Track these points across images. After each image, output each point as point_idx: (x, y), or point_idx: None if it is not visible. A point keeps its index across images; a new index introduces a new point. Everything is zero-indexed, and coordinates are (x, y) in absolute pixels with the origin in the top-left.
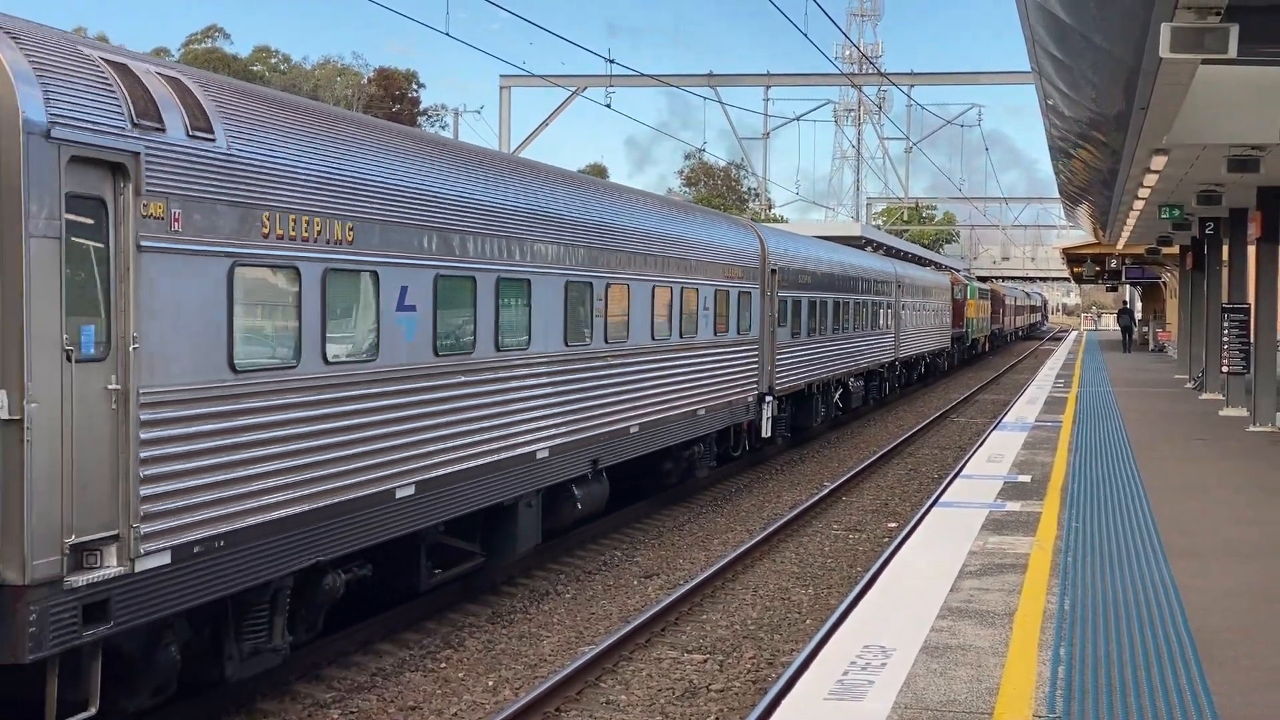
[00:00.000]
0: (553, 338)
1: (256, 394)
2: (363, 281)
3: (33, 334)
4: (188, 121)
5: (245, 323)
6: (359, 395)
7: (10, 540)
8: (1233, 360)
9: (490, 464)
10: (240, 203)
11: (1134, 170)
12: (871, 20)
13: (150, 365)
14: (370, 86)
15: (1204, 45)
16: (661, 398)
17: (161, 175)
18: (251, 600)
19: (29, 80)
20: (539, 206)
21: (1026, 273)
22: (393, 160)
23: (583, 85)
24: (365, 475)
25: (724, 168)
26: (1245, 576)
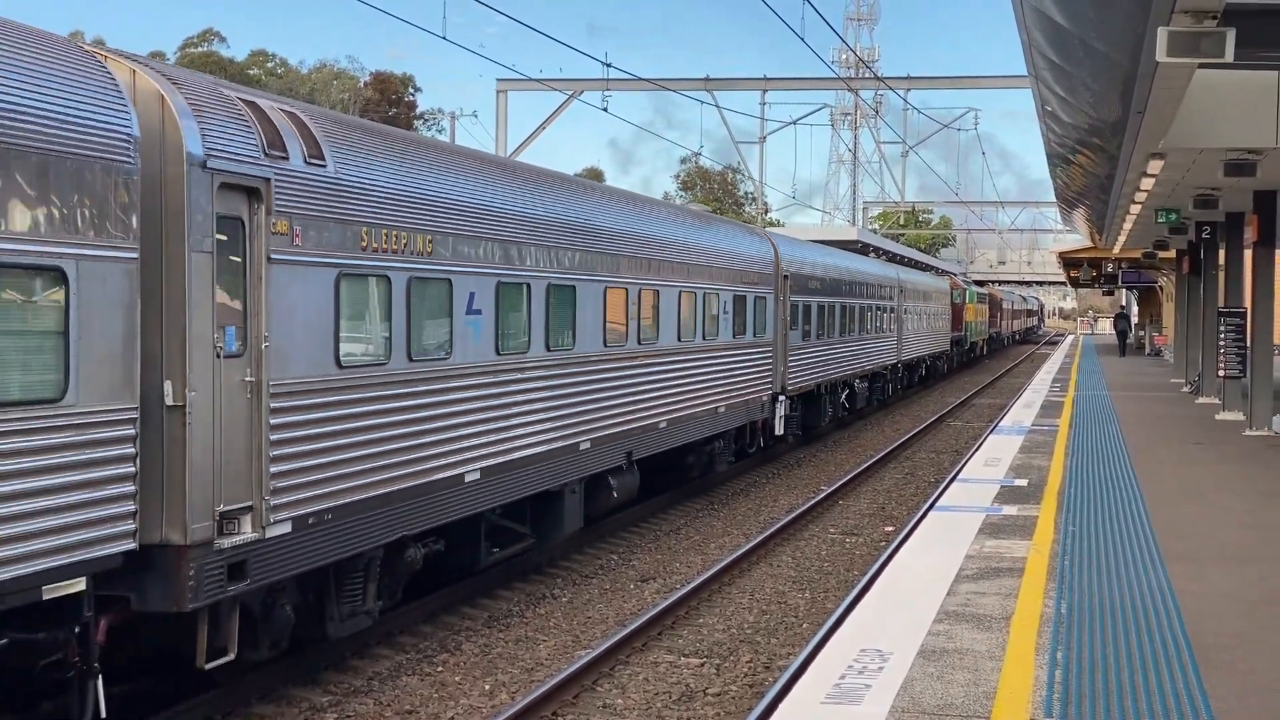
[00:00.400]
0: (594, 339)
1: (357, 387)
2: (439, 288)
3: (192, 334)
4: (305, 150)
5: (348, 324)
6: (436, 389)
7: (174, 507)
8: (1229, 364)
9: (541, 454)
10: (345, 220)
11: (1130, 174)
12: (868, 24)
13: (277, 361)
14: (367, 90)
15: (1200, 49)
16: (686, 395)
17: (286, 197)
18: (349, 568)
19: (190, 119)
20: (581, 219)
21: (1023, 277)
22: (462, 179)
23: (579, 89)
24: (440, 460)
25: (720, 172)
26: (1242, 581)
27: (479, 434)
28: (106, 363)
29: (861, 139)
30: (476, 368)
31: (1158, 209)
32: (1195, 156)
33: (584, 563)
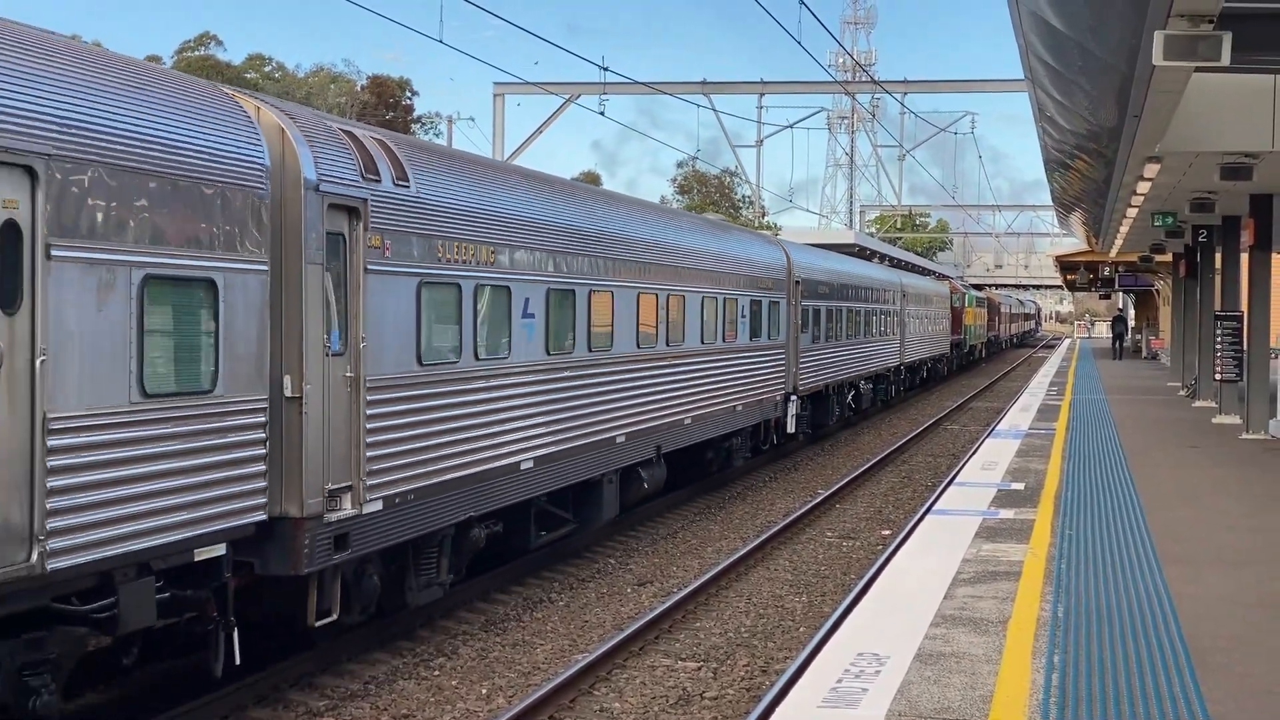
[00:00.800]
0: (629, 341)
1: (434, 382)
2: (500, 295)
3: (307, 336)
4: (393, 174)
5: (427, 327)
6: (498, 385)
7: (292, 484)
8: (1226, 368)
9: (583, 445)
10: (425, 234)
11: (1127, 178)
12: (865, 28)
13: (372, 359)
14: (364, 94)
15: (1197, 53)
16: (709, 394)
17: (378, 215)
18: (426, 544)
19: (305, 149)
20: (617, 230)
21: (1020, 280)
22: (519, 196)
23: (576, 93)
24: (501, 450)
25: (717, 175)
26: (1239, 584)
27: (532, 426)
28: (244, 360)
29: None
30: (531, 366)
31: (1154, 212)
32: (1192, 160)
33: (581, 566)
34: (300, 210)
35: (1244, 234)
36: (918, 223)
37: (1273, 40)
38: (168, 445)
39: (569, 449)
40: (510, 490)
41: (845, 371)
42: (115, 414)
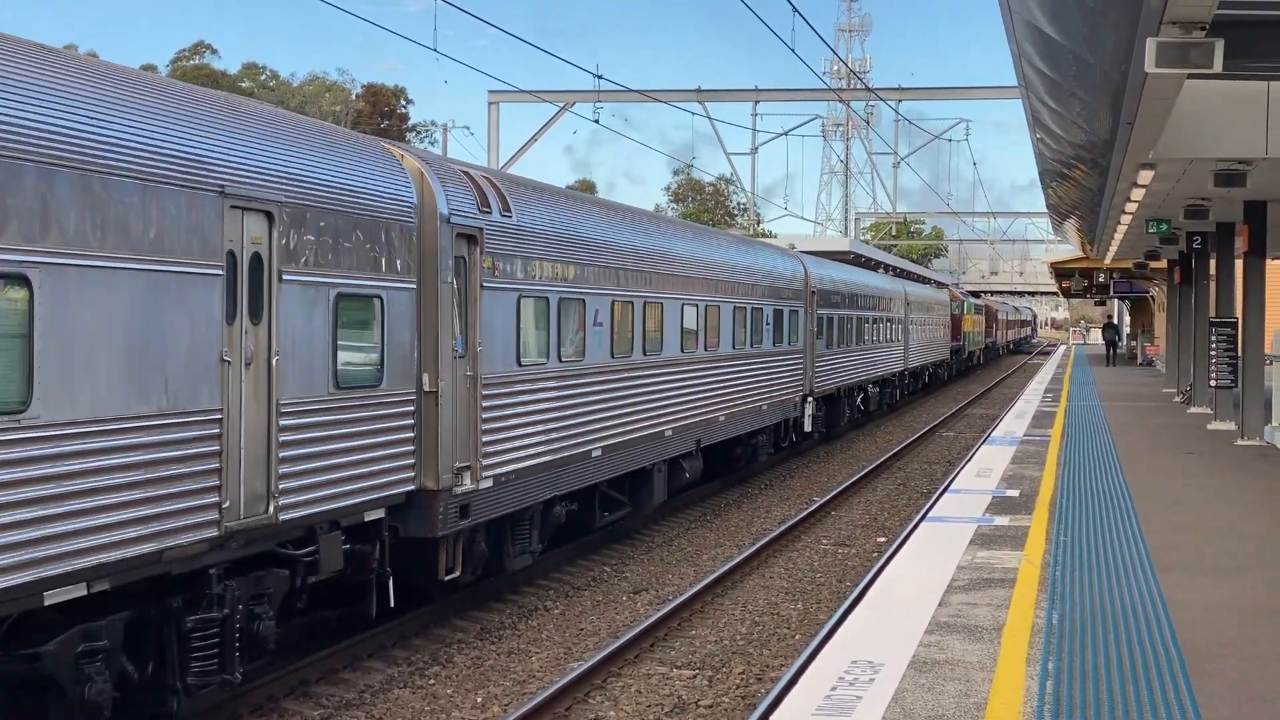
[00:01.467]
0: (674, 346)
1: (529, 380)
2: (577, 306)
3: (441, 342)
4: (500, 206)
5: (524, 334)
6: (575, 383)
7: (429, 462)
8: (1220, 374)
9: (639, 438)
10: (523, 257)
11: (1121, 184)
12: (859, 35)
13: (486, 361)
14: (358, 103)
15: (1189, 60)
16: (739, 394)
17: (490, 241)
18: (520, 517)
19: (439, 188)
20: (665, 249)
21: (1015, 287)
22: (592, 222)
23: (571, 101)
24: (577, 439)
25: (712, 183)
26: (1233, 590)
27: (600, 420)
28: (399, 360)
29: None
30: (600, 368)
31: (1148, 219)
32: (1185, 167)
33: (576, 574)
34: (436, 239)
35: (1238, 240)
36: (912, 230)
37: (1265, 47)
38: (351, 429)
39: (628, 440)
40: (583, 475)
41: (856, 375)
42: (318, 402)
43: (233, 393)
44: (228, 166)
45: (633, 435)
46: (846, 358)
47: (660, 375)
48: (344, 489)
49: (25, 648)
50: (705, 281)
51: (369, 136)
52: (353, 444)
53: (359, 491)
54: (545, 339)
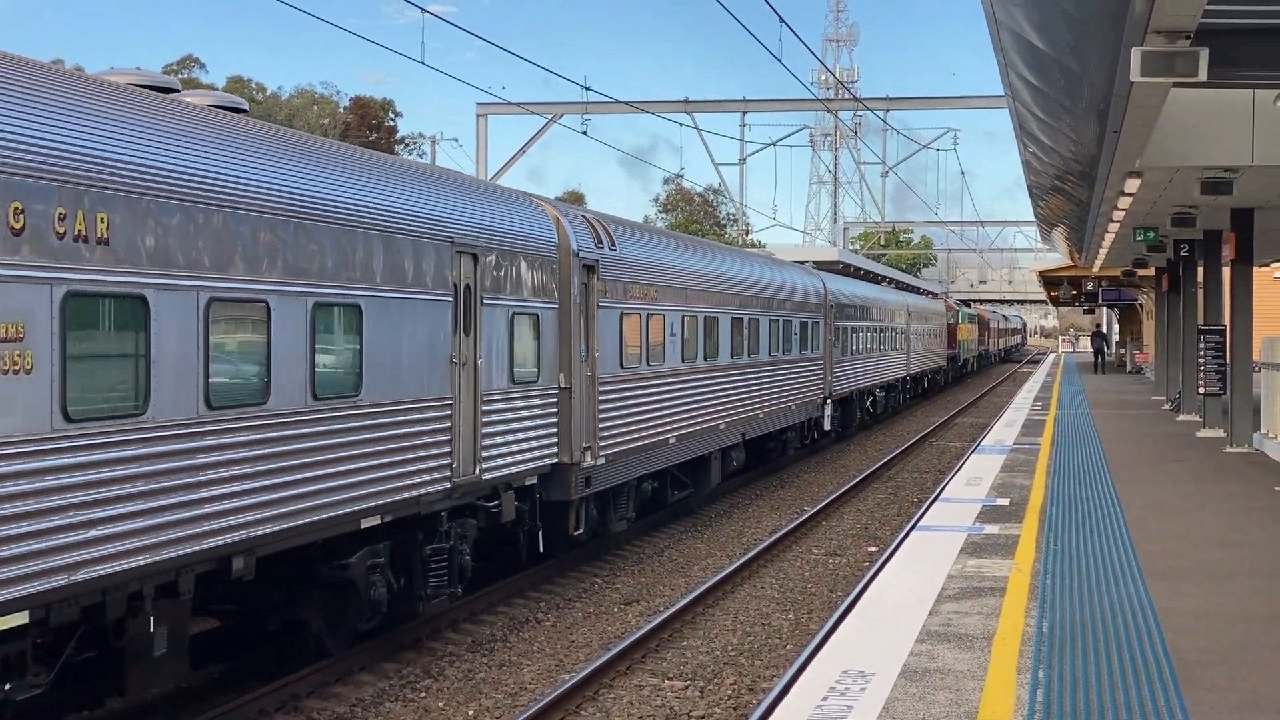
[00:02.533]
0: (726, 353)
1: (629, 380)
2: (660, 319)
3: (572, 350)
4: (609, 241)
5: (625, 343)
6: (659, 383)
7: (565, 442)
8: (1209, 382)
9: (701, 429)
10: (623, 282)
11: (1108, 193)
12: (847, 45)
13: (600, 364)
14: (346, 115)
15: (1174, 69)
16: (774, 395)
17: (604, 269)
18: (620, 490)
19: (569, 229)
20: (719, 270)
21: (1003, 295)
22: (668, 252)
23: (559, 112)
24: (659, 427)
25: (701, 193)
26: (1222, 597)
27: (675, 413)
28: (548, 363)
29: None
30: (674, 371)
31: (1136, 227)
32: (1172, 175)
33: (567, 586)
34: (570, 269)
35: (1225, 248)
36: (901, 239)
37: (1249, 56)
38: (522, 413)
39: (694, 431)
40: (663, 458)
41: (867, 380)
42: (503, 394)
43: (458, 385)
44: (455, 224)
45: (697, 427)
46: (859, 364)
47: (716, 377)
48: (517, 459)
49: (340, 560)
50: (748, 298)
51: (522, 192)
52: (524, 425)
53: (525, 461)
54: (638, 347)
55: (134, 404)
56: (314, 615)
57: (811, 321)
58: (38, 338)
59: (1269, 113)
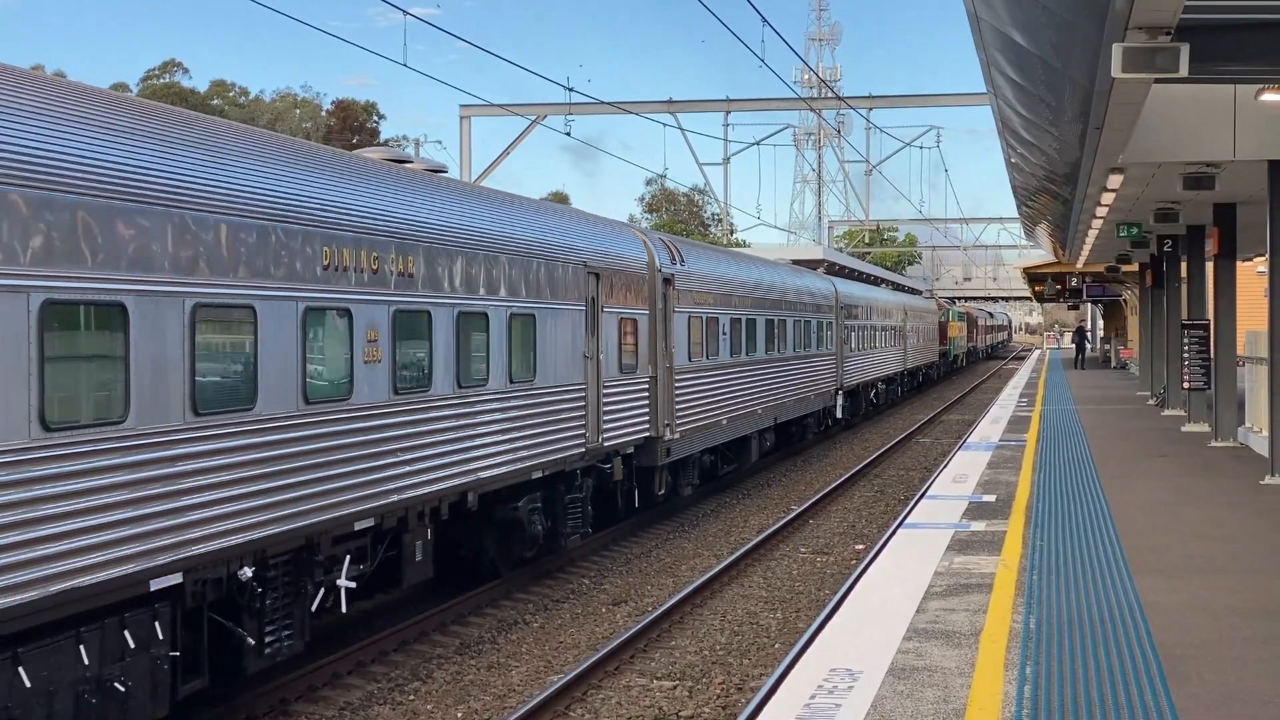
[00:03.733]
0: (761, 348)
1: (694, 371)
2: (717, 322)
3: (657, 346)
4: (680, 259)
5: (691, 341)
6: (715, 372)
7: (653, 420)
8: (1193, 376)
9: (745, 413)
10: (691, 291)
11: (1091, 189)
12: (830, 44)
13: (675, 358)
14: (328, 118)
15: (1155, 65)
16: (798, 385)
17: (677, 281)
18: (688, 461)
19: (653, 249)
20: (759, 278)
21: (988, 292)
22: (724, 266)
23: (542, 114)
24: (715, 411)
25: (685, 194)
26: (1209, 591)
27: (726, 398)
28: (642, 357)
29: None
30: (727, 363)
31: (1119, 223)
32: (1155, 171)
33: (555, 587)
34: (655, 283)
35: (1208, 243)
36: (885, 237)
37: (1230, 51)
38: (627, 396)
39: (739, 414)
40: (718, 436)
41: (871, 374)
42: (615, 381)
43: (588, 374)
44: (586, 251)
45: (742, 410)
46: (864, 359)
47: (755, 369)
48: (624, 432)
49: (511, 504)
50: (776, 301)
51: (621, 222)
52: (629, 405)
53: (629, 433)
54: (701, 343)
55: (483, 378)
56: (492, 544)
57: (825, 321)
58: (382, 339)
59: (1251, 107)
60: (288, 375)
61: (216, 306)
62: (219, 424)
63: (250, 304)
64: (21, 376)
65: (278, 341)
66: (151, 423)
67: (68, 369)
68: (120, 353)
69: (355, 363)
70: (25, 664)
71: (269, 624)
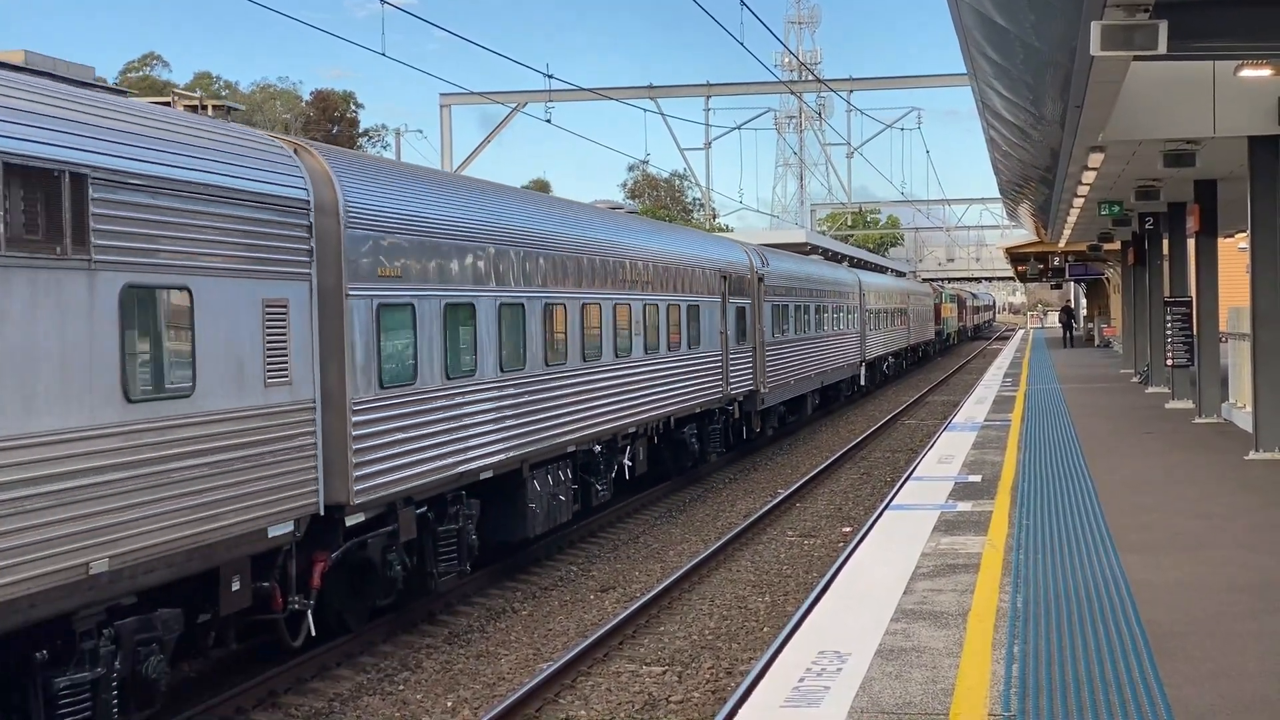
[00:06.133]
0: (814, 328)
1: (776, 344)
2: (785, 307)
3: (754, 325)
4: (765, 261)
5: (774, 321)
6: (787, 344)
7: (756, 377)
8: (1176, 354)
9: (803, 377)
10: (773, 286)
11: (1072, 168)
12: (809, 27)
13: (764, 334)
14: (308, 109)
15: (1134, 42)
16: (836, 356)
17: (766, 279)
18: (773, 410)
19: (753, 256)
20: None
21: (971, 273)
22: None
23: (523, 101)
24: (786, 374)
25: (666, 179)
26: (1194, 568)
27: (793, 364)
28: (750, 332)
29: (807, 142)
30: (794, 338)
31: (1101, 201)
32: (1135, 148)
33: (543, 575)
34: (754, 280)
35: (1190, 220)
36: (868, 219)
37: (1208, 28)
38: (741, 360)
39: (801, 377)
40: (789, 393)
41: (884, 349)
42: (736, 349)
43: (721, 344)
44: (720, 262)
45: (803, 374)
46: (880, 336)
47: (811, 343)
48: (740, 385)
49: (680, 430)
50: (820, 291)
51: (733, 239)
52: (741, 366)
53: (742, 387)
54: (773, 324)
55: (679, 345)
56: (669, 457)
57: (851, 306)
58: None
59: (1230, 84)
60: (605, 343)
61: (511, 305)
62: (564, 369)
63: (562, 301)
64: (489, 338)
65: (603, 319)
66: (513, 370)
67: (512, 334)
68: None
69: (630, 335)
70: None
71: (629, 459)
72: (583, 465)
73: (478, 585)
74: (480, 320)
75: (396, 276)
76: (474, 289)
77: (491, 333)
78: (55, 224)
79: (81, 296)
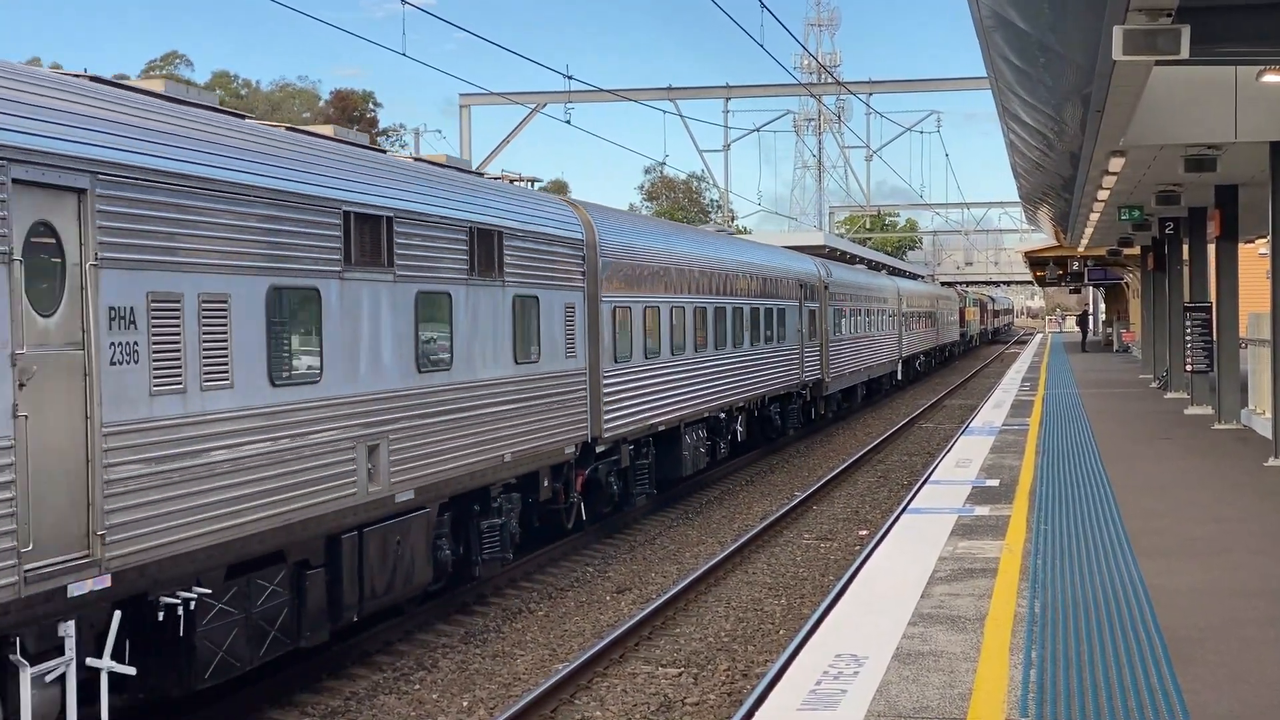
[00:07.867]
0: (864, 329)
1: (838, 341)
2: (842, 313)
3: (823, 324)
4: (828, 272)
5: (836, 322)
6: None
7: (821, 367)
8: (1196, 359)
9: (858, 369)
10: (835, 293)
11: (1093, 172)
12: (829, 29)
13: (830, 333)
14: (327, 108)
15: (1156, 47)
16: (880, 353)
17: (830, 286)
18: (833, 397)
19: (821, 268)
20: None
21: (990, 277)
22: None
23: (542, 102)
24: (846, 366)
25: (684, 181)
26: (1213, 574)
27: (850, 358)
28: (819, 329)
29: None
30: (851, 337)
31: (1121, 206)
32: (1156, 153)
33: (560, 575)
34: (821, 287)
35: (1210, 225)
36: (886, 222)
37: (1231, 32)
38: (813, 353)
39: (854, 370)
40: (845, 383)
41: (917, 349)
42: (809, 344)
43: (798, 339)
44: (798, 271)
45: (855, 368)
46: (914, 337)
47: (864, 340)
48: (811, 373)
49: (768, 409)
50: (869, 297)
51: (804, 253)
52: (813, 358)
53: (813, 375)
54: (841, 324)
55: (771, 339)
56: (756, 432)
57: (890, 309)
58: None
59: (1252, 89)
60: (728, 336)
61: (678, 307)
62: (698, 356)
63: (705, 305)
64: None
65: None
66: (678, 354)
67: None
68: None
69: (742, 330)
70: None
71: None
72: (710, 428)
73: (494, 585)
74: (662, 318)
75: (621, 288)
76: (660, 296)
77: (665, 327)
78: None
79: (499, 298)
